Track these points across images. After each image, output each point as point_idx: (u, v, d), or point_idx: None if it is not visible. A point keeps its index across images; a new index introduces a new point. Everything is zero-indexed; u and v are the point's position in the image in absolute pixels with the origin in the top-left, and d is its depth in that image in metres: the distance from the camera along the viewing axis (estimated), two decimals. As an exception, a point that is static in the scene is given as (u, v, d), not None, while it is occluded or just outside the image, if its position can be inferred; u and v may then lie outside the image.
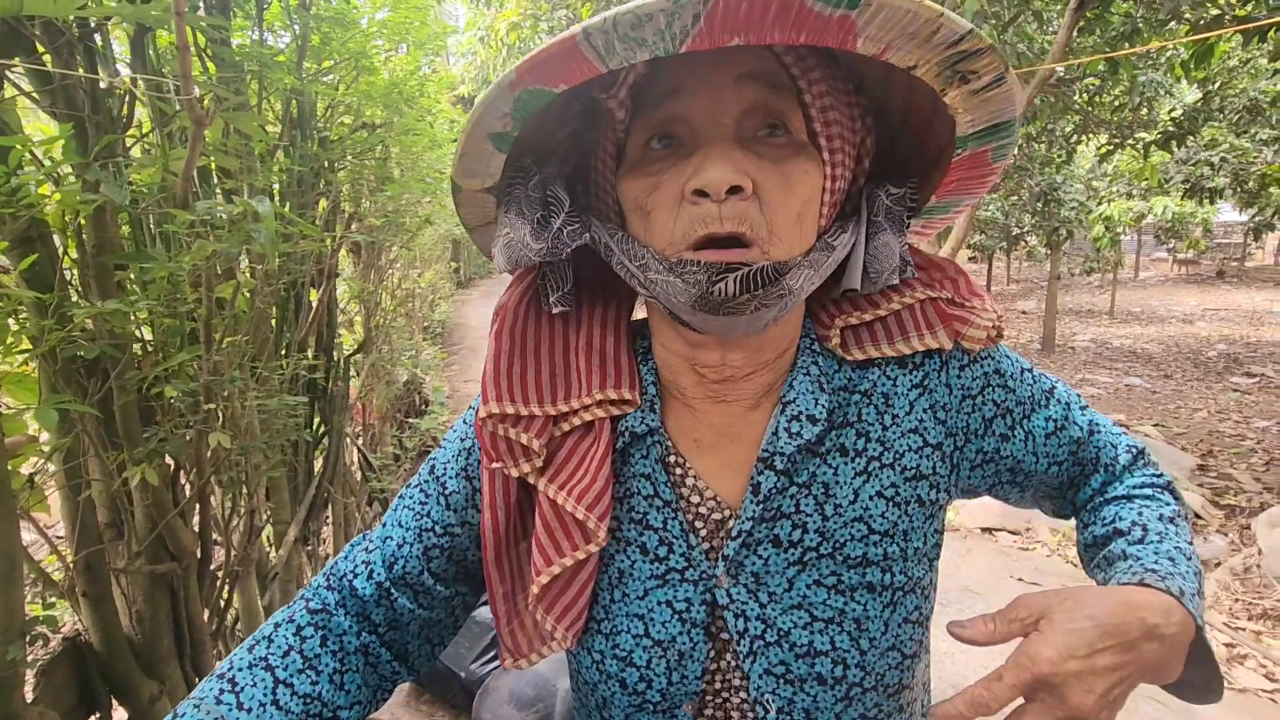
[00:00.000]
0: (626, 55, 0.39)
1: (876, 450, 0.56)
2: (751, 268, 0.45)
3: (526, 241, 0.51)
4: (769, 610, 0.54)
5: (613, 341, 0.58)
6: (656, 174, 0.49)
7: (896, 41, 0.41)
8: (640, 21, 0.37)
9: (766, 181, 0.47)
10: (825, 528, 0.54)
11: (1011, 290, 16.39)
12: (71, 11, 1.06)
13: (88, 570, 1.35)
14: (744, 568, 0.55)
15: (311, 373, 2.23)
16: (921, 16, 0.39)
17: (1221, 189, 8.07)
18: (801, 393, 0.55)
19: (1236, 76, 6.10)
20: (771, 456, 0.54)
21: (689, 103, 0.48)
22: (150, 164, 1.36)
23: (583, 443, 0.56)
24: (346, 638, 0.58)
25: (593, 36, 0.38)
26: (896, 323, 0.56)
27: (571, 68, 0.40)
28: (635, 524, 0.57)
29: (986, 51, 0.42)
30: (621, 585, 0.57)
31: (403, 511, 0.62)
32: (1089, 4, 3.82)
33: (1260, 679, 2.50)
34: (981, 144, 0.51)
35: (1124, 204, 9.50)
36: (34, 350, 1.15)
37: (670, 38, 0.38)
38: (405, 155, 2.77)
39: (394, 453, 4.34)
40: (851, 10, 0.38)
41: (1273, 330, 9.73)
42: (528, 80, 0.41)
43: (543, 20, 7.52)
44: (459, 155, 0.48)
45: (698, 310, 0.47)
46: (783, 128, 0.49)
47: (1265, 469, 4.46)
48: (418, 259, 4.96)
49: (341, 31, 1.92)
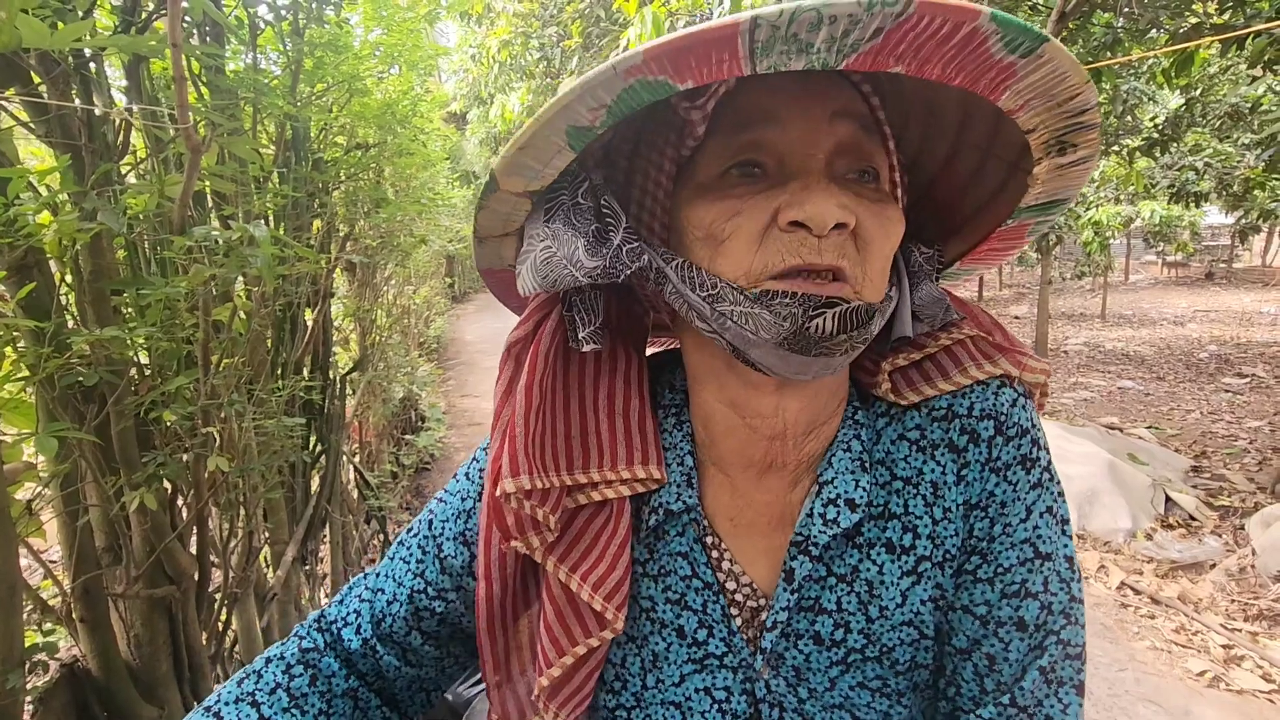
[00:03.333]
0: (781, 60, 0.34)
1: (927, 549, 0.49)
2: (850, 305, 0.42)
3: (578, 258, 0.44)
4: (808, 706, 0.51)
5: (637, 404, 0.53)
6: (739, 198, 0.44)
7: (1035, 101, 0.40)
8: (820, 22, 0.33)
9: (868, 222, 0.43)
10: (870, 630, 0.49)
11: (1004, 295, 16.48)
12: (68, 44, 1.08)
13: (85, 595, 1.34)
14: (784, 661, 0.51)
15: (308, 393, 2.23)
16: (1070, 79, 0.38)
17: (1207, 193, 8.17)
18: (840, 472, 0.50)
19: (1217, 83, 6.20)
20: (806, 541, 0.49)
21: (780, 132, 0.44)
22: (146, 190, 1.37)
23: (596, 520, 0.51)
24: (335, 680, 0.57)
25: (760, 29, 0.33)
26: (949, 357, 0.51)
27: (713, 62, 0.35)
28: (673, 604, 0.52)
29: (1095, 127, 0.41)
30: (656, 670, 0.53)
31: (398, 564, 0.59)
32: (1070, 15, 3.89)
33: (1257, 680, 2.51)
34: (1033, 216, 0.49)
35: (1112, 209, 9.60)
36: (31, 377, 1.15)
37: (839, 49, 0.34)
38: (398, 176, 2.79)
39: (391, 470, 4.33)
40: (1023, 59, 0.36)
41: (1262, 330, 9.81)
42: (653, 68, 0.35)
43: (533, 38, 7.60)
44: (516, 147, 0.40)
45: (784, 347, 0.42)
46: (873, 174, 0.46)
47: (1258, 469, 4.49)
48: (412, 276, 4.98)
49: (334, 55, 1.95)
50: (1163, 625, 2.91)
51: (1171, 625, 2.90)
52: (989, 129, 0.47)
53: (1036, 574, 0.48)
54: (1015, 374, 0.50)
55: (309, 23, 1.94)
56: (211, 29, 1.74)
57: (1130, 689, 2.47)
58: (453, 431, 5.89)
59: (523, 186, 0.44)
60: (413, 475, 4.81)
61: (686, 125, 0.45)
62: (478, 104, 10.11)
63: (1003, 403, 0.49)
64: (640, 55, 0.34)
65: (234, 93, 1.68)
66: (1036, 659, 0.47)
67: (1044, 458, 0.49)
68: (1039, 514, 0.49)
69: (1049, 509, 0.49)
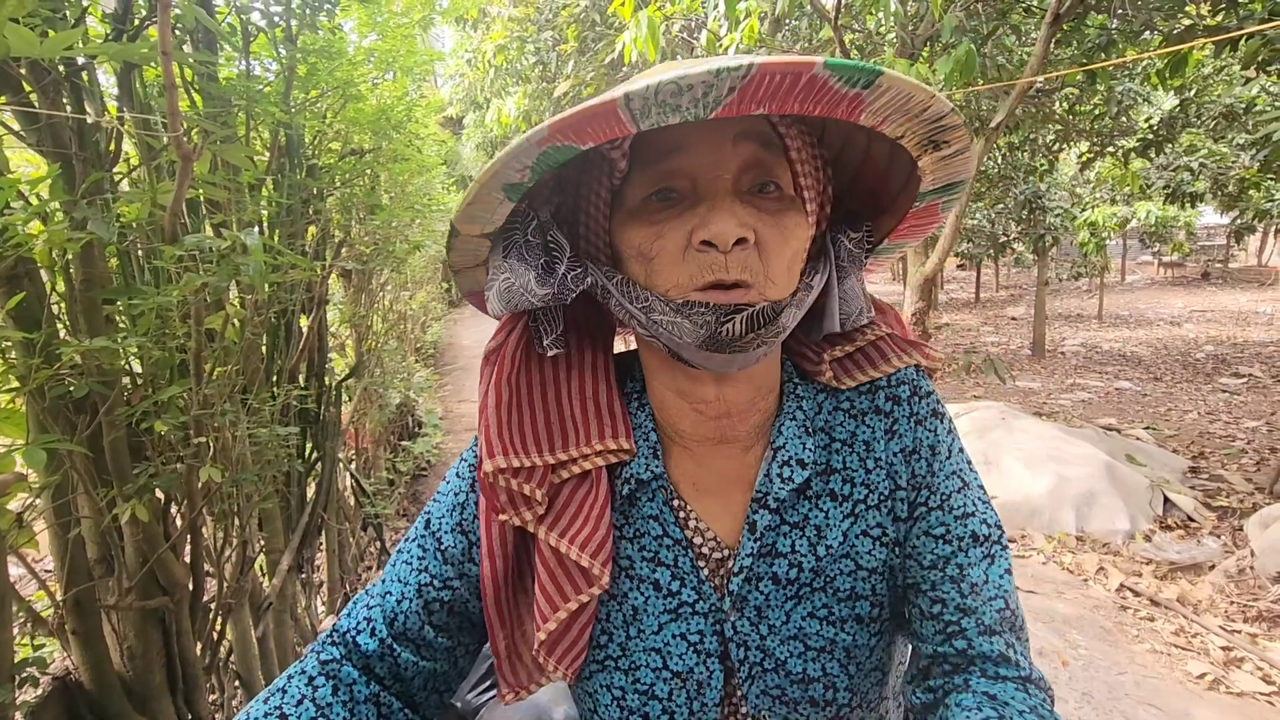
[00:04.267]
0: (659, 119, 0.42)
1: (862, 493, 0.60)
2: (755, 308, 0.50)
3: (530, 288, 0.53)
4: (768, 641, 0.59)
5: (605, 389, 0.61)
6: (660, 223, 0.52)
7: (893, 116, 0.47)
8: (681, 91, 0.40)
9: (765, 233, 0.51)
10: (818, 565, 0.59)
11: (1001, 297, 16.52)
12: (58, 53, 1.07)
13: (77, 607, 1.33)
14: (747, 602, 0.59)
15: (303, 401, 2.22)
16: (917, 97, 0.45)
17: (1202, 193, 8.20)
18: (790, 437, 0.59)
19: (1211, 84, 6.22)
20: (765, 497, 0.58)
21: (689, 159, 0.51)
22: (138, 198, 1.36)
23: (579, 490, 0.59)
24: (356, 687, 0.60)
25: (633, 101, 0.40)
26: (876, 350, 0.62)
27: (604, 127, 0.43)
28: (648, 562, 0.60)
29: (959, 127, 0.49)
30: (636, 622, 0.60)
31: (401, 566, 0.64)
32: (1065, 17, 3.90)
33: (1258, 682, 2.51)
34: (937, 198, 0.58)
35: (1108, 209, 9.63)
36: (21, 388, 1.14)
37: (704, 106, 0.41)
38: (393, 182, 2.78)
39: (388, 477, 4.32)
40: (865, 89, 0.43)
41: (1258, 330, 9.84)
42: (558, 138, 0.43)
43: (529, 42, 7.61)
44: (466, 204, 0.50)
45: (704, 348, 0.51)
46: (775, 185, 0.53)
47: (1256, 469, 4.49)
48: (408, 281, 4.97)
49: (328, 62, 1.94)
50: (1162, 627, 2.91)
51: (1171, 627, 2.90)
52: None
53: (969, 497, 0.60)
54: (924, 362, 0.64)
55: (302, 29, 1.93)
56: (204, 36, 1.74)
57: (1130, 692, 2.47)
58: (450, 437, 5.87)
59: (479, 230, 0.54)
60: (409, 482, 4.79)
61: (611, 162, 0.53)
62: (474, 108, 10.11)
63: (910, 374, 0.62)
64: (546, 130, 0.42)
65: (227, 100, 1.68)
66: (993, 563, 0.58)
67: (946, 412, 0.63)
68: (956, 452, 0.62)
69: (960, 449, 0.63)
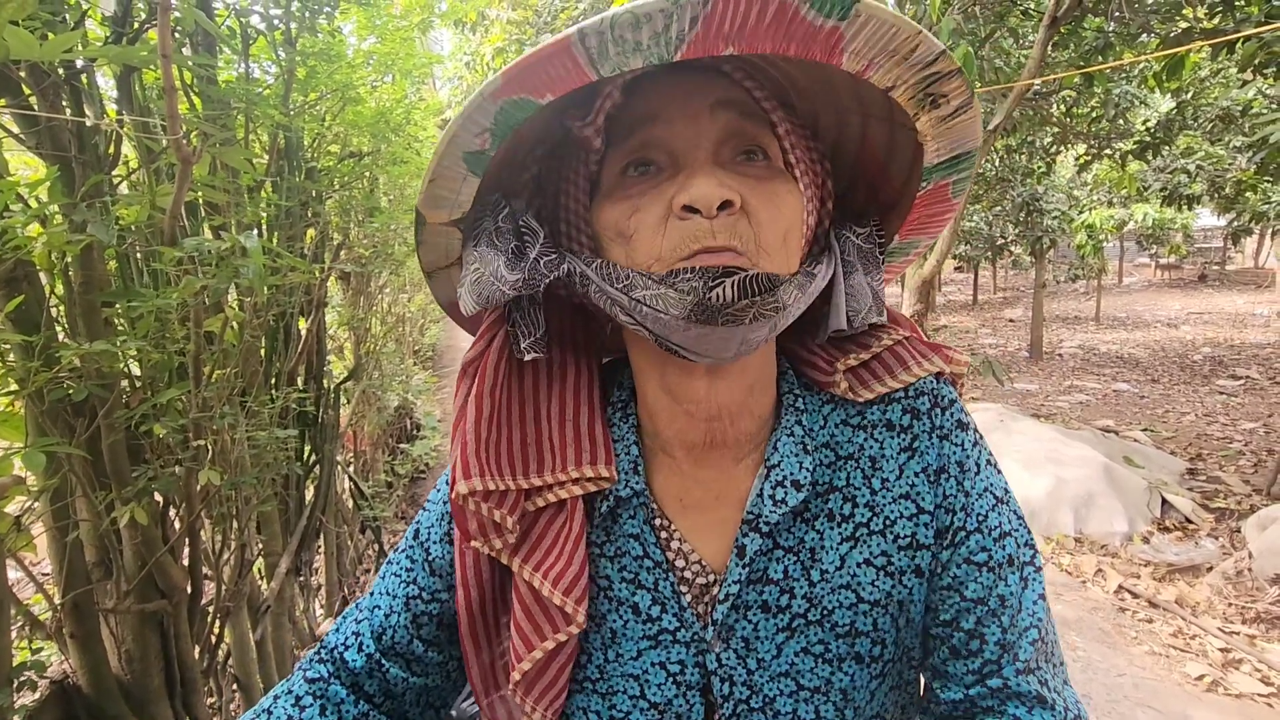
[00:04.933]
0: (619, 61, 0.39)
1: (865, 516, 0.54)
2: (748, 272, 0.44)
3: (500, 274, 0.48)
4: (756, 677, 0.54)
5: (586, 410, 0.57)
6: (636, 196, 0.48)
7: (878, 59, 0.43)
8: (638, 23, 0.37)
9: (753, 198, 0.47)
10: (812, 594, 0.53)
11: (998, 299, 16.55)
12: (58, 55, 1.07)
13: (76, 611, 1.33)
14: (734, 632, 0.54)
15: (302, 404, 2.22)
16: (902, 33, 0.41)
17: (1199, 195, 8.22)
18: (785, 455, 0.54)
19: (1208, 86, 6.24)
20: (757, 520, 0.53)
21: (666, 129, 0.48)
22: (137, 200, 1.36)
23: (555, 522, 0.55)
24: (345, 707, 0.58)
25: (588, 38, 0.37)
26: (894, 357, 0.56)
27: (561, 74, 0.39)
28: (628, 583, 0.56)
29: (956, 74, 0.44)
30: (615, 645, 0.56)
31: (390, 579, 0.61)
32: (1062, 20, 3.92)
33: (1256, 683, 2.51)
34: (944, 175, 0.53)
35: (1105, 212, 9.65)
36: (21, 391, 1.14)
37: (665, 43, 0.38)
38: (392, 185, 2.78)
39: (386, 480, 4.31)
40: (841, 21, 0.39)
41: (1255, 332, 9.86)
42: (513, 88, 0.40)
43: (527, 45, 7.62)
44: (428, 181, 0.46)
45: (693, 321, 0.45)
46: (760, 153, 0.49)
47: (1254, 471, 4.50)
48: (407, 284, 4.96)
49: (327, 65, 1.94)
50: (1160, 629, 2.91)
51: (1169, 629, 2.90)
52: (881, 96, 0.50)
53: (1004, 515, 0.54)
54: (947, 369, 0.57)
55: (302, 31, 1.93)
56: (204, 39, 1.74)
57: (1129, 694, 2.47)
58: (448, 439, 5.86)
59: (446, 217, 0.49)
60: (408, 484, 4.79)
61: (586, 142, 0.50)
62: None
63: (930, 384, 0.56)
64: (499, 80, 0.39)
65: (226, 102, 1.68)
66: (1026, 589, 0.53)
67: (971, 421, 0.57)
68: (985, 464, 0.56)
69: (989, 461, 0.57)
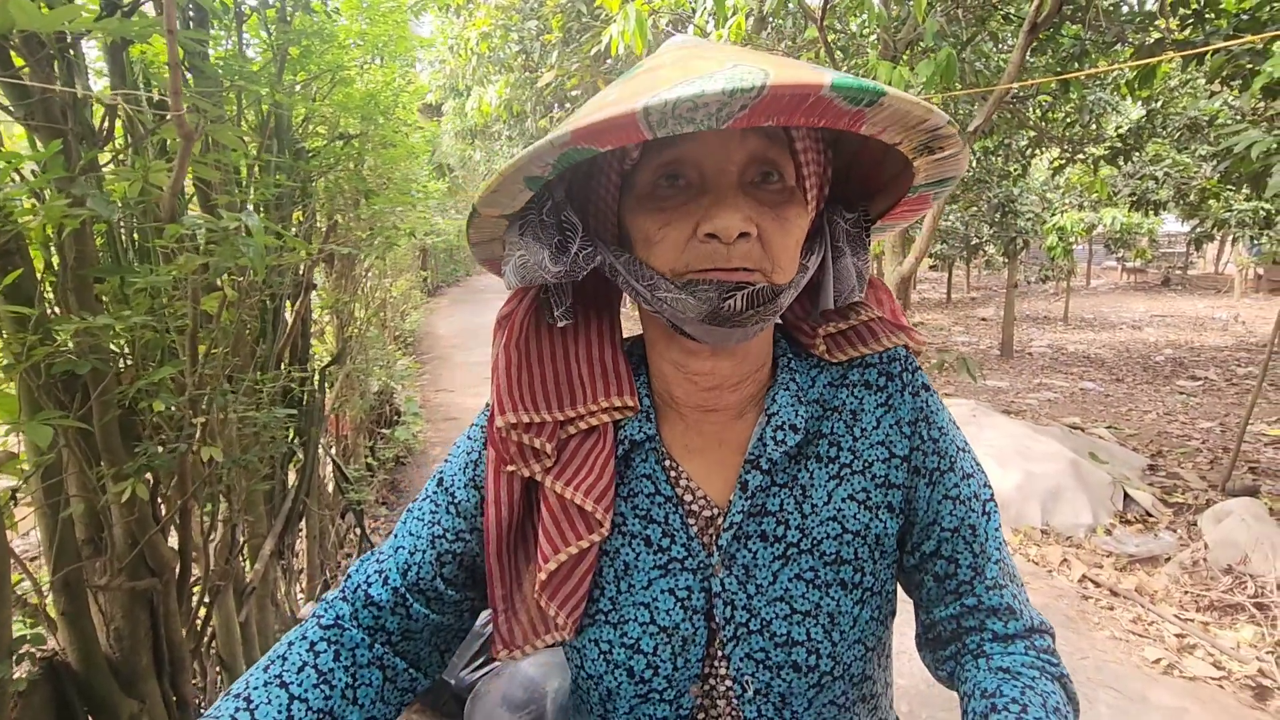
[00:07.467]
0: (674, 129, 0.44)
1: (848, 458, 0.63)
2: (755, 287, 0.53)
3: (544, 265, 0.56)
4: (755, 601, 0.60)
5: (610, 353, 0.65)
6: (668, 210, 0.54)
7: (892, 128, 0.50)
8: (696, 108, 0.42)
9: (768, 226, 0.54)
10: (804, 525, 0.61)
11: (971, 298, 16.86)
12: (57, 26, 1.06)
13: (65, 588, 1.32)
14: (736, 560, 0.61)
15: (287, 389, 2.21)
16: (916, 113, 0.48)
17: (1165, 202, 8.47)
18: (783, 405, 0.62)
19: (1177, 96, 6.43)
20: (758, 459, 0.61)
21: (698, 148, 0.54)
22: (130, 176, 1.35)
23: (585, 444, 0.62)
24: (359, 651, 0.61)
25: (651, 114, 0.42)
26: (868, 330, 0.66)
27: (621, 134, 0.45)
28: (640, 519, 0.63)
29: (954, 136, 0.52)
30: (627, 577, 0.62)
31: (413, 523, 0.66)
32: (1041, 27, 4.01)
33: (1209, 667, 2.64)
34: (929, 190, 0.62)
35: (1076, 215, 9.87)
36: (17, 366, 1.13)
37: (716, 119, 0.43)
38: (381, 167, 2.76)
39: (368, 464, 4.28)
40: (869, 108, 0.46)
41: (1214, 335, 10.21)
42: (580, 142, 0.46)
43: (513, 30, 7.55)
44: (489, 191, 0.53)
45: (705, 323, 0.54)
46: (778, 175, 0.56)
47: (1210, 467, 4.69)
48: (390, 268, 4.92)
49: (320, 44, 1.93)
50: (1121, 616, 3.04)
51: (1129, 616, 3.03)
52: None
53: (967, 460, 0.66)
54: (910, 344, 0.68)
55: (296, 9, 1.91)
56: (196, 13, 1.71)
57: (1091, 676, 2.58)
58: (428, 426, 5.84)
59: (498, 213, 0.57)
60: (390, 470, 4.77)
61: (624, 150, 0.56)
62: (453, 95, 9.98)
63: (900, 352, 0.67)
64: (569, 135, 0.45)
65: (218, 80, 1.66)
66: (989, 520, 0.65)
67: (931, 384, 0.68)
68: (948, 419, 0.67)
69: (950, 420, 0.68)
